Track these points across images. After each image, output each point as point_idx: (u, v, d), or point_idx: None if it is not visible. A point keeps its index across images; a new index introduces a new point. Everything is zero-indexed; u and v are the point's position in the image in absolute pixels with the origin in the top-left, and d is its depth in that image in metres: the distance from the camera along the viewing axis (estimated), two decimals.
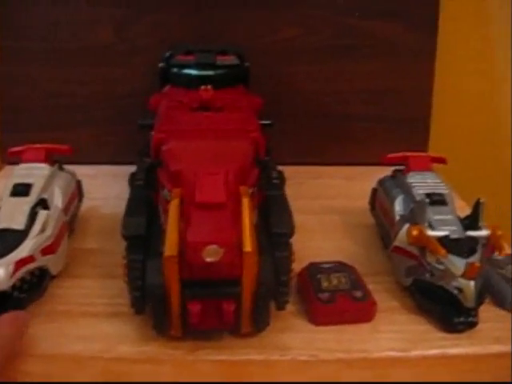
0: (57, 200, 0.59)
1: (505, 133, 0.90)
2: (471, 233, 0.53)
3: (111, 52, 0.80)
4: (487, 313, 0.52)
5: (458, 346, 0.49)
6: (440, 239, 0.51)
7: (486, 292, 0.52)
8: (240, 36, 0.79)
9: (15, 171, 0.61)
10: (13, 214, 0.54)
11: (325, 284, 0.53)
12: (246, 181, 0.50)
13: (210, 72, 0.67)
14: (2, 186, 0.58)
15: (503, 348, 0.49)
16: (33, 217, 0.54)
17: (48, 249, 0.53)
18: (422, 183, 0.60)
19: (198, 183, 0.46)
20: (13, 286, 0.50)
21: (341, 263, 0.57)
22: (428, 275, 0.51)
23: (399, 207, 0.59)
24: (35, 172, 0.60)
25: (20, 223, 0.53)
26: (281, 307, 0.50)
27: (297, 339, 0.50)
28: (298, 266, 0.54)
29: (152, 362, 0.48)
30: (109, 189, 0.74)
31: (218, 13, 0.79)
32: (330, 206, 0.73)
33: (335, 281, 0.54)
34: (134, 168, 0.60)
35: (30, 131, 0.80)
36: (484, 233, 0.52)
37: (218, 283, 0.45)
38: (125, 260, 0.48)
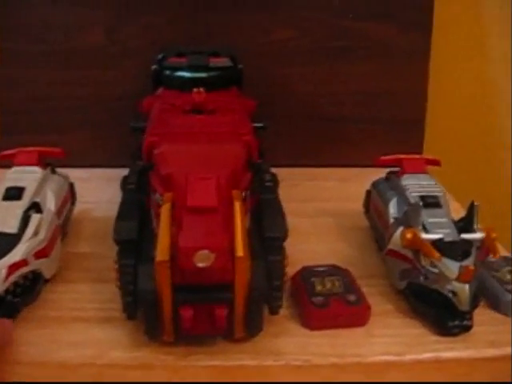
0: (49, 203, 0.59)
1: (499, 134, 0.90)
2: (465, 235, 0.53)
3: (103, 54, 0.80)
4: (482, 316, 0.52)
5: (453, 350, 0.49)
6: (434, 242, 0.51)
7: (481, 295, 0.52)
8: (233, 38, 0.79)
9: (7, 175, 0.61)
10: (5, 218, 0.54)
11: (318, 288, 0.53)
12: (239, 184, 0.49)
13: (203, 74, 0.67)
14: None
15: (498, 352, 0.49)
16: (26, 220, 0.54)
17: (41, 252, 0.53)
18: (417, 185, 0.60)
19: (190, 187, 0.45)
20: (6, 290, 0.49)
21: (335, 266, 0.57)
22: (422, 278, 0.51)
23: (393, 210, 0.59)
24: (27, 175, 0.60)
25: (13, 227, 0.53)
26: (274, 312, 0.50)
27: (290, 344, 0.49)
28: (292, 270, 0.54)
29: (144, 368, 0.47)
30: (102, 192, 0.74)
31: (211, 14, 0.79)
32: (324, 209, 0.73)
33: (329, 284, 0.54)
34: (127, 171, 0.60)
35: (21, 134, 0.79)
36: (478, 235, 0.52)
37: (211, 288, 0.45)
38: (116, 265, 0.48)
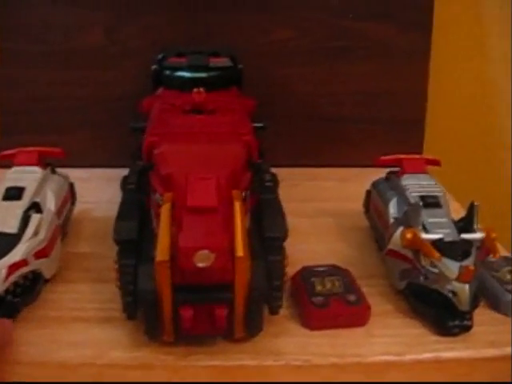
0: (49, 203, 0.59)
1: (499, 134, 0.90)
2: (465, 235, 0.52)
3: (102, 55, 0.80)
4: (482, 316, 0.52)
5: (453, 350, 0.49)
6: (434, 242, 0.51)
7: (481, 295, 0.52)
8: (233, 38, 0.79)
9: (7, 175, 0.61)
10: (5, 218, 0.54)
11: (318, 288, 0.53)
12: (239, 184, 0.49)
13: (203, 74, 0.67)
14: None
15: (498, 352, 0.49)
16: (26, 220, 0.54)
17: (41, 252, 0.53)
18: (417, 185, 0.60)
19: (190, 187, 0.45)
20: (6, 290, 0.49)
21: (335, 266, 0.57)
22: (422, 278, 0.51)
23: (393, 210, 0.59)
24: (27, 175, 0.60)
25: (13, 227, 0.53)
26: (274, 312, 0.50)
27: (290, 344, 0.49)
28: (292, 270, 0.54)
29: (144, 368, 0.47)
30: (102, 192, 0.74)
31: (211, 14, 0.79)
32: (324, 209, 0.72)
33: (329, 284, 0.54)
34: (127, 171, 0.59)
35: (21, 134, 0.79)
36: (478, 235, 0.52)
37: (211, 288, 0.45)
38: (116, 265, 0.48)
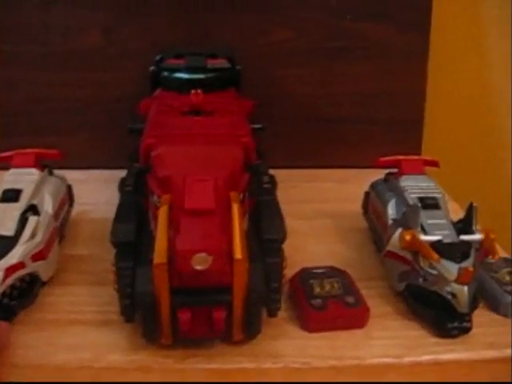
0: (47, 205, 0.59)
1: (499, 135, 0.90)
2: (464, 237, 0.52)
3: (101, 56, 0.79)
4: (481, 317, 0.52)
5: (452, 352, 0.49)
6: (433, 244, 0.51)
7: (480, 296, 0.52)
8: (231, 39, 0.79)
9: (4, 177, 0.60)
10: (2, 220, 0.53)
11: (317, 290, 0.53)
12: (237, 186, 0.49)
13: (201, 75, 0.67)
14: None
15: (497, 353, 0.49)
16: (23, 223, 0.54)
17: (38, 255, 0.53)
18: (415, 187, 0.60)
19: (188, 189, 0.45)
20: (3, 293, 0.49)
21: (333, 268, 0.57)
22: (421, 280, 0.51)
23: (392, 211, 0.59)
24: (25, 177, 0.60)
25: (10, 229, 0.52)
26: (272, 314, 0.50)
27: (289, 346, 0.49)
28: (290, 272, 0.54)
29: (142, 371, 0.47)
30: (99, 194, 0.73)
31: (209, 16, 0.79)
32: (323, 210, 0.72)
33: (328, 286, 0.54)
34: (125, 173, 0.59)
35: (21, 136, 0.79)
36: (477, 237, 0.52)
37: (208, 291, 0.45)
38: (114, 267, 0.47)
